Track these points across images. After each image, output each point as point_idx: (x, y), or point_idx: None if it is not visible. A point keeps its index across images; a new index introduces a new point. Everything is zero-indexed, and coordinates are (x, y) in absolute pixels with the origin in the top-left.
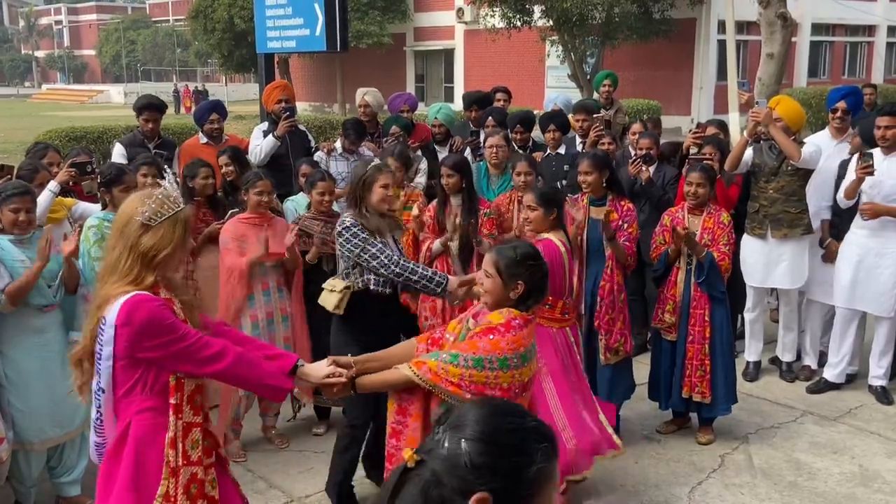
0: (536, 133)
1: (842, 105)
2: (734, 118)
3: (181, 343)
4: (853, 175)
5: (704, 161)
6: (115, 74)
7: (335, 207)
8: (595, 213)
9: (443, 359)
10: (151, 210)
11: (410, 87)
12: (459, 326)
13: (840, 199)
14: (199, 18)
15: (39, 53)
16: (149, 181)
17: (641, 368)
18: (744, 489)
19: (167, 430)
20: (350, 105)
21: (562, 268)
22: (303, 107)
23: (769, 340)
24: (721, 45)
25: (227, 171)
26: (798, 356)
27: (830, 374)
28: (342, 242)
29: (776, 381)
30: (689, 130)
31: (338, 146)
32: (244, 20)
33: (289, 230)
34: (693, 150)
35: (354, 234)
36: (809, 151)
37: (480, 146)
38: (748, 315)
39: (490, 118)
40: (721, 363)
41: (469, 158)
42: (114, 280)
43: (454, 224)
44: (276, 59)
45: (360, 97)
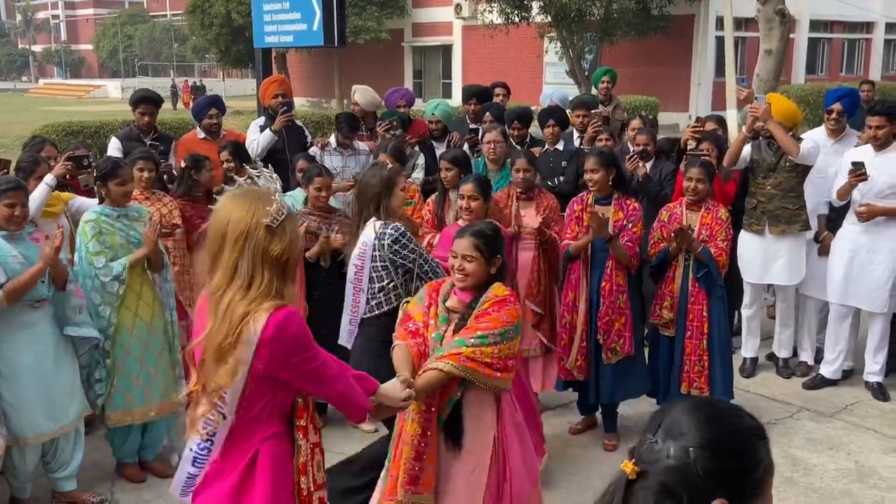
0: (534, 129)
1: (837, 107)
2: (732, 115)
3: (315, 361)
4: (846, 176)
5: (702, 157)
6: (113, 69)
7: (332, 202)
8: (601, 212)
9: (472, 343)
10: (275, 211)
11: (408, 83)
12: (432, 311)
13: (833, 199)
14: (197, 13)
15: (36, 48)
16: (145, 175)
17: None
18: None
19: (293, 456)
20: (347, 101)
21: None
22: (300, 102)
23: (766, 337)
24: (719, 42)
25: (228, 167)
26: (795, 352)
27: (827, 371)
28: (398, 250)
29: (773, 378)
30: (688, 126)
31: (332, 141)
32: (241, 15)
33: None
34: (691, 145)
35: (410, 240)
36: (808, 147)
37: (479, 142)
38: (745, 311)
39: (488, 114)
40: (719, 358)
41: (468, 154)
42: (252, 297)
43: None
44: (274, 55)
45: (351, 95)
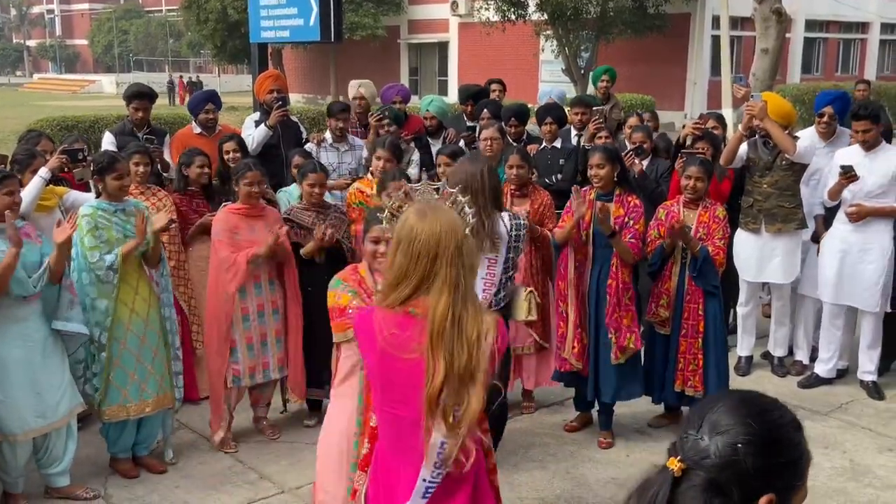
0: (531, 126)
1: (828, 110)
2: (727, 114)
3: None
4: (837, 177)
5: (698, 155)
6: (107, 64)
7: (327, 198)
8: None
9: None
10: (468, 221)
11: (404, 80)
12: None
13: (824, 200)
14: (192, 9)
15: (31, 42)
16: (140, 169)
17: None
18: None
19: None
20: (343, 97)
21: None
22: (296, 98)
23: (761, 335)
24: (715, 41)
25: (234, 158)
26: (790, 351)
27: (821, 370)
28: (519, 243)
29: (768, 376)
30: (688, 122)
31: (328, 137)
32: (237, 11)
33: (278, 224)
34: (690, 141)
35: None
36: (804, 146)
37: (475, 139)
38: (741, 310)
39: (485, 111)
40: (714, 357)
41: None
42: (476, 309)
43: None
44: (270, 51)
45: (356, 89)
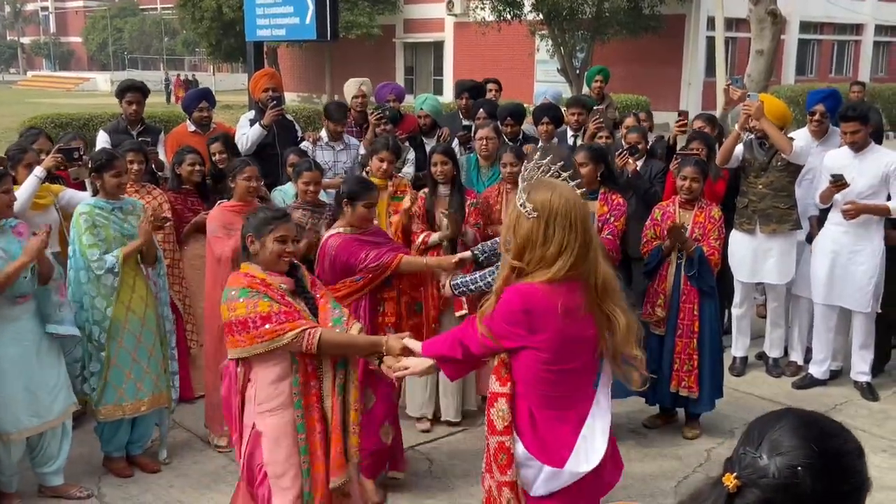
0: (527, 126)
1: (820, 108)
2: (718, 116)
3: None
4: (823, 184)
5: (692, 156)
6: (102, 62)
7: (322, 197)
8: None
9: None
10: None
11: (400, 80)
12: (287, 298)
13: (815, 202)
14: (188, 7)
15: (25, 40)
16: (134, 167)
17: None
18: None
19: None
20: (338, 96)
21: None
22: (291, 97)
23: (756, 336)
24: (710, 42)
25: (220, 159)
26: (785, 352)
27: (816, 371)
28: None
29: (763, 377)
30: (675, 122)
31: (323, 135)
32: (233, 9)
33: None
34: (681, 141)
35: None
36: (800, 146)
37: (471, 138)
38: (736, 311)
39: (481, 110)
40: (709, 358)
41: (458, 150)
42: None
43: (452, 219)
44: (265, 49)
45: (357, 87)
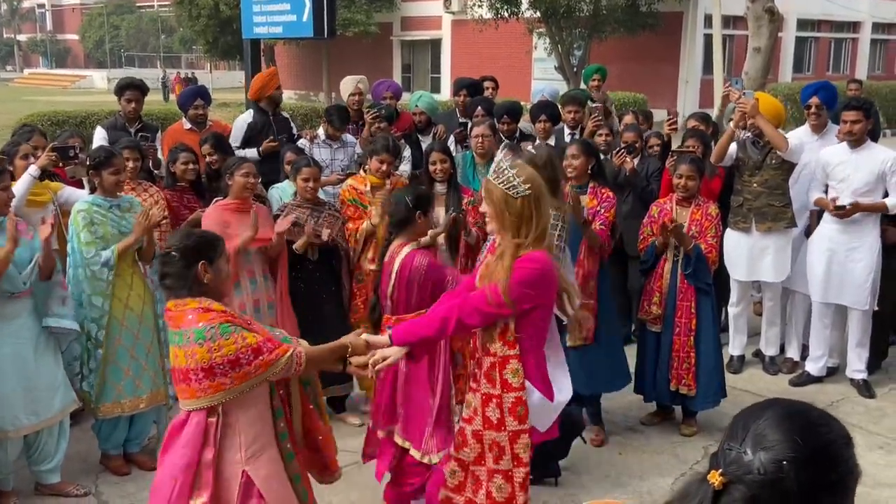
0: (524, 124)
1: (815, 100)
2: (714, 115)
3: None
4: (820, 178)
5: (691, 154)
6: (99, 60)
7: (320, 195)
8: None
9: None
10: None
11: (397, 77)
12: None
13: (809, 203)
14: (185, 4)
15: (21, 37)
16: (130, 165)
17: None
18: None
19: None
20: (335, 94)
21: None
22: (288, 95)
23: (753, 333)
24: (707, 39)
25: (212, 160)
26: (781, 349)
27: (813, 368)
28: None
29: (760, 374)
30: (665, 121)
31: (320, 133)
32: (229, 7)
33: (281, 216)
34: (675, 140)
35: None
36: (794, 144)
37: (467, 136)
38: (732, 309)
39: (479, 108)
40: (706, 355)
41: (454, 148)
42: None
43: (449, 217)
44: (262, 47)
45: (353, 85)
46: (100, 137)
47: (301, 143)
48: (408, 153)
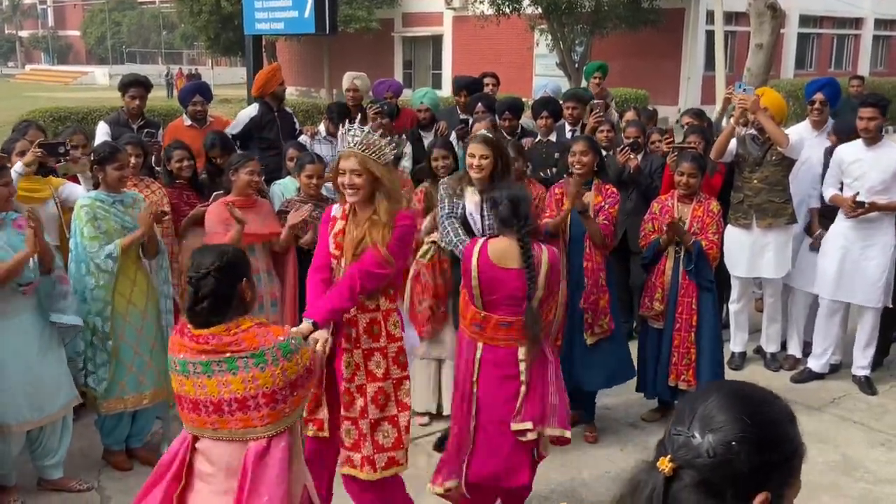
0: (525, 120)
1: (819, 97)
2: (715, 112)
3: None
4: (833, 178)
5: (692, 150)
6: (100, 56)
7: (323, 191)
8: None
9: None
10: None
11: (398, 74)
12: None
13: (826, 198)
14: (186, 1)
15: (23, 33)
16: (133, 161)
17: None
18: None
19: None
20: (337, 90)
21: (467, 270)
22: (289, 91)
23: (754, 330)
24: (709, 36)
25: (222, 162)
26: (783, 346)
27: (815, 365)
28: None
29: (760, 371)
30: (677, 121)
31: (321, 129)
32: (231, 2)
33: (293, 211)
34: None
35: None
36: (794, 140)
37: (469, 132)
38: (733, 306)
39: (480, 104)
40: (707, 351)
41: (455, 144)
42: None
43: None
44: (264, 43)
45: (350, 81)
46: (103, 132)
47: (302, 140)
48: (409, 149)
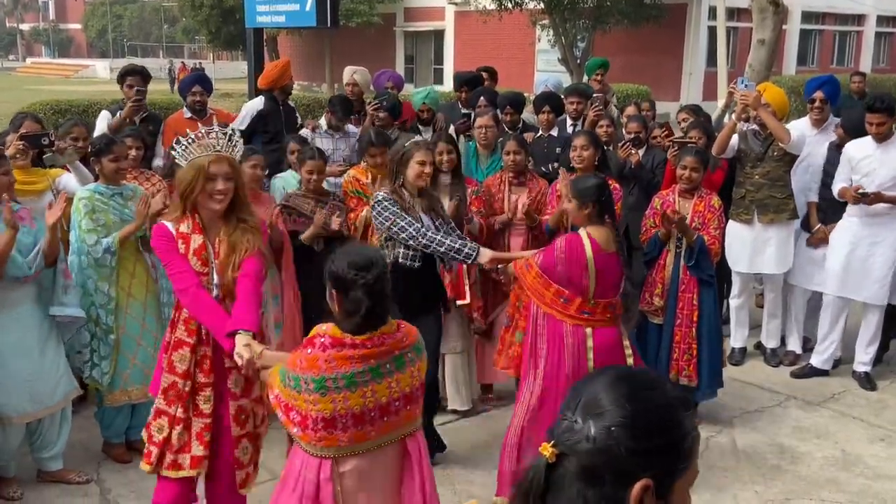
0: (526, 115)
1: (819, 95)
2: (721, 105)
3: (168, 270)
4: (843, 174)
5: (691, 145)
6: (101, 49)
7: (324, 185)
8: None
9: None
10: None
11: (400, 69)
12: None
13: (835, 194)
14: None
15: (24, 26)
16: (132, 153)
17: None
18: (727, 472)
19: None
20: (338, 85)
21: (579, 264)
22: None
23: (755, 326)
24: (711, 32)
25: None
26: (782, 341)
27: (817, 361)
28: (375, 216)
29: (761, 366)
30: (661, 133)
31: (322, 123)
32: None
33: (273, 209)
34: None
35: (385, 208)
36: (796, 136)
37: (470, 127)
38: (734, 302)
39: (482, 98)
40: (708, 347)
41: (456, 138)
42: None
43: (451, 207)
44: (265, 37)
45: (349, 75)
46: (104, 118)
47: (304, 133)
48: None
